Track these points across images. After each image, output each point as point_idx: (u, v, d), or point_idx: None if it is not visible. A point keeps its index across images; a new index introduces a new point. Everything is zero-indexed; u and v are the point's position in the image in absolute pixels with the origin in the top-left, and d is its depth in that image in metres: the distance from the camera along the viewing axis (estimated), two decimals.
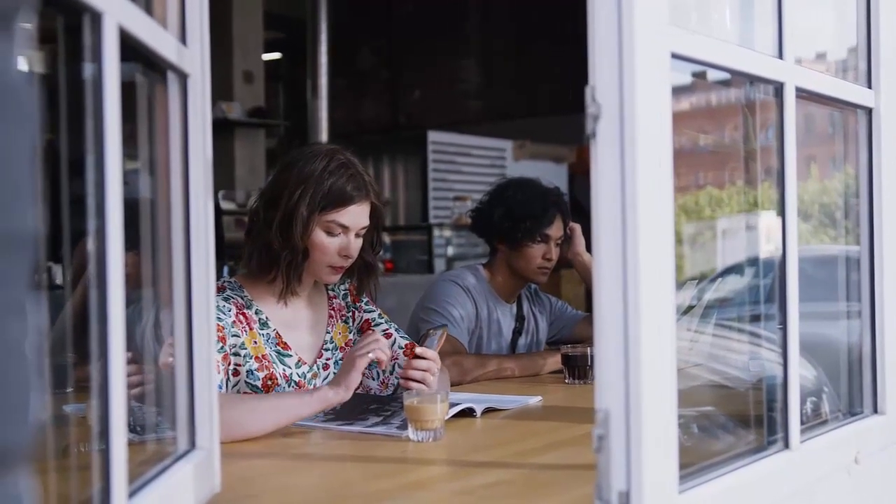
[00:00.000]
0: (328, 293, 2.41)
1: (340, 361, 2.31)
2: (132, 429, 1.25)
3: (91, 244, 1.01)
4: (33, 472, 0.58)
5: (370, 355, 2.00)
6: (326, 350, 2.34)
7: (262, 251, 2.20)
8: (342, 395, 1.97)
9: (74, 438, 1.38)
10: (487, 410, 2.17)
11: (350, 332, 2.39)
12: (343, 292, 2.43)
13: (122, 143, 1.04)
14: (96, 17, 1.00)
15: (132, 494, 1.08)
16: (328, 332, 2.35)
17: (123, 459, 1.02)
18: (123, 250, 1.03)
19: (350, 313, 2.41)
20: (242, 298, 2.21)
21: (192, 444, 1.37)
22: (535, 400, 2.35)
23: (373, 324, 2.42)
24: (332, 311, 2.38)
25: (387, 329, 2.40)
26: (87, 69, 1.02)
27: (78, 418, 1.42)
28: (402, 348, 2.36)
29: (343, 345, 2.37)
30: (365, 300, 2.45)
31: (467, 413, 2.11)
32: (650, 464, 1.17)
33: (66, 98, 1.06)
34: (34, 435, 0.57)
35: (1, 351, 0.53)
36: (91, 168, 1.02)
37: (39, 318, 0.58)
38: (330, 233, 2.19)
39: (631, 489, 1.17)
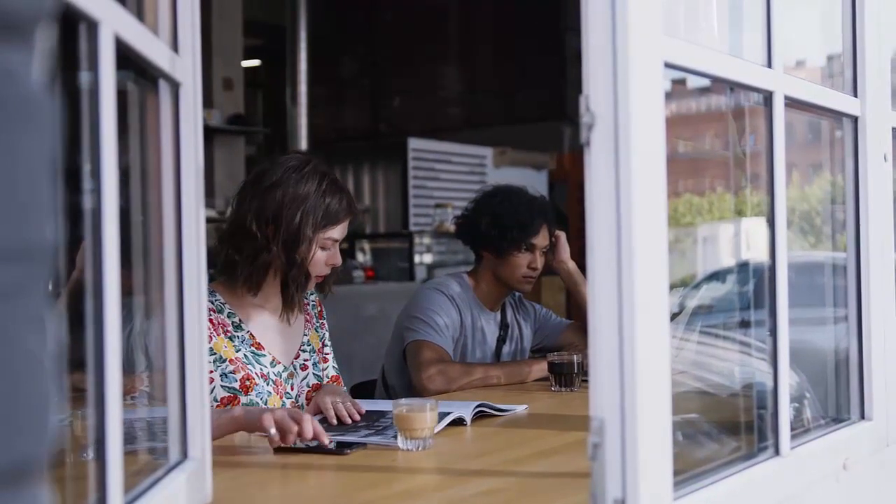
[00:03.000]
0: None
1: (317, 364, 2.42)
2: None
3: (87, 252, 1.00)
4: (49, 485, 0.58)
5: (271, 431, 1.84)
6: (304, 351, 2.41)
7: (262, 269, 2.25)
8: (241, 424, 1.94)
9: (62, 448, 1.37)
10: (478, 416, 2.18)
11: (319, 340, 2.48)
12: (312, 302, 2.50)
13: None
14: (92, 26, 0.99)
15: None
16: (305, 335, 2.42)
17: (119, 470, 1.01)
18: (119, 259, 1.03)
19: (319, 323, 2.50)
20: (213, 303, 2.26)
21: (185, 455, 1.36)
22: (522, 408, 2.35)
23: (325, 342, 2.51)
24: (308, 316, 2.46)
25: (328, 354, 2.50)
26: (83, 77, 1.01)
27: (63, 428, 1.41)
28: (328, 378, 2.44)
29: (317, 349, 2.45)
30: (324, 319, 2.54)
31: (457, 421, 2.10)
32: (645, 471, 1.17)
33: (60, 106, 1.05)
34: (52, 446, 0.57)
35: (21, 363, 0.53)
36: (86, 176, 1.01)
37: (57, 330, 0.58)
38: (324, 248, 2.29)
39: (626, 497, 1.17)
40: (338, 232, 2.30)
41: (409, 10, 9.61)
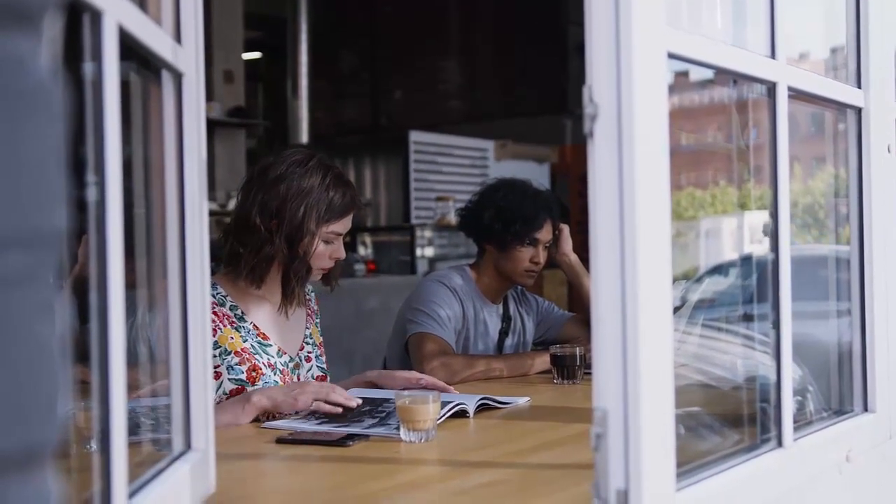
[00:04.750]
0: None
1: (320, 357, 2.45)
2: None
3: (91, 244, 1.00)
4: (58, 470, 0.58)
5: (313, 406, 2.09)
6: (307, 344, 2.43)
7: (265, 262, 2.27)
8: (265, 405, 2.08)
9: (66, 439, 1.37)
10: (481, 408, 2.18)
11: (320, 335, 2.51)
12: (311, 298, 2.53)
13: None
14: (96, 16, 0.99)
15: (132, 495, 1.07)
16: (307, 328, 2.45)
17: (124, 461, 1.01)
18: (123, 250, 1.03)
19: (318, 320, 2.53)
20: (215, 296, 2.26)
21: (188, 445, 1.36)
22: (524, 400, 2.35)
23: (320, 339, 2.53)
24: (309, 311, 2.49)
25: (319, 352, 2.51)
26: (87, 67, 1.01)
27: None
28: (313, 378, 2.43)
29: (318, 344, 2.48)
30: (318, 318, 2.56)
31: (459, 414, 2.11)
32: (648, 462, 1.17)
33: (67, 94, 1.05)
34: (61, 433, 0.57)
35: (31, 350, 0.53)
36: (90, 168, 1.01)
37: (66, 317, 0.58)
38: (327, 241, 2.30)
39: (629, 487, 1.17)
40: (341, 226, 2.31)
41: (409, 2, 9.60)
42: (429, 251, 7.53)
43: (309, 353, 2.42)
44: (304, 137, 8.72)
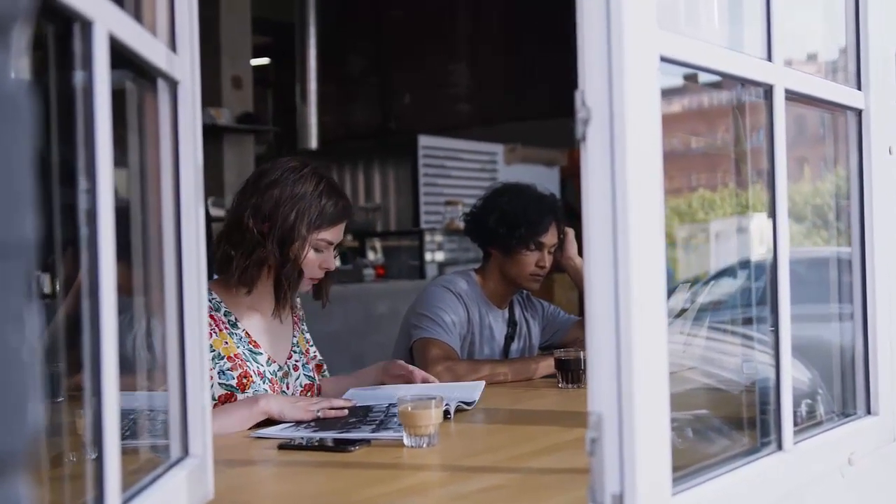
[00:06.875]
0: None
1: (306, 365, 2.46)
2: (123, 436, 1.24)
3: (83, 253, 1.01)
4: (30, 479, 0.58)
5: (319, 414, 2.13)
6: (295, 352, 2.45)
7: (256, 265, 2.28)
8: (271, 411, 2.10)
9: (61, 448, 1.38)
10: (458, 410, 2.22)
11: (306, 343, 2.53)
12: (297, 306, 2.55)
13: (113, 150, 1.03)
14: (87, 25, 0.99)
15: (126, 502, 1.08)
16: (294, 337, 2.47)
17: (117, 467, 1.01)
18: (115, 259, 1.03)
19: (304, 325, 2.55)
20: (210, 301, 2.28)
21: (186, 452, 1.36)
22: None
23: (310, 343, 2.56)
24: (296, 319, 2.51)
25: (314, 349, 2.55)
26: (78, 76, 1.01)
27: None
28: (301, 387, 2.44)
29: (304, 352, 2.49)
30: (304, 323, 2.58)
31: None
32: (643, 466, 1.17)
33: (55, 105, 1.06)
34: (33, 441, 0.57)
35: (0, 358, 0.53)
36: (82, 176, 1.01)
37: (37, 326, 0.58)
38: (317, 249, 2.32)
39: (624, 492, 1.17)
40: (331, 234, 2.33)
41: (417, 6, 9.60)
42: (438, 255, 7.53)
43: (296, 362, 2.44)
44: (314, 142, 8.73)
